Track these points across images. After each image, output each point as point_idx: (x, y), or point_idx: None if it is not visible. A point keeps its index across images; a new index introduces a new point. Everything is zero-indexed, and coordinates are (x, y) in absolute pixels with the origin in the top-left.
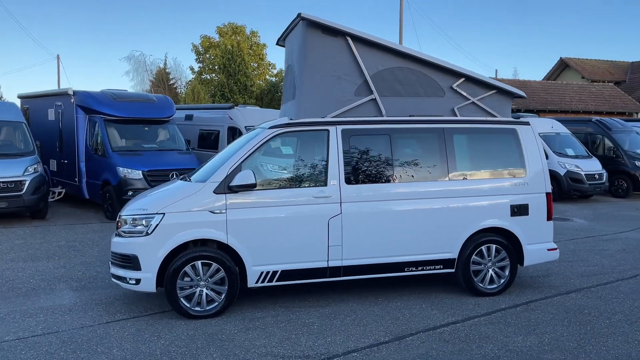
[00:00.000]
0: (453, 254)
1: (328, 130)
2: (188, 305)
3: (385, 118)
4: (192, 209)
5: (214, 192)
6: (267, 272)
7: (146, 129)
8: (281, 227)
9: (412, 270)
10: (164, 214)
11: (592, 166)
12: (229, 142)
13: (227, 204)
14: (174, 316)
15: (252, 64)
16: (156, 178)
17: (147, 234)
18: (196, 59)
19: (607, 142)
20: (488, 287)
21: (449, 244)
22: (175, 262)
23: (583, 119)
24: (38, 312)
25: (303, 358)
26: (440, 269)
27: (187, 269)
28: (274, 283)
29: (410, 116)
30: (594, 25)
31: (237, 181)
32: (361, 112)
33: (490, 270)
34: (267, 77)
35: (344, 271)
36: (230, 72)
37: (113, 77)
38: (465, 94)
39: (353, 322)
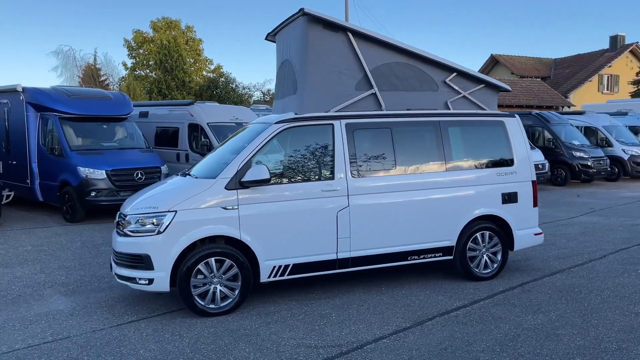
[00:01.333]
0: (452, 241)
1: (333, 125)
2: (202, 303)
3: (386, 112)
4: (204, 206)
5: (226, 188)
6: (279, 266)
7: (104, 127)
8: (292, 221)
9: (414, 259)
10: (175, 211)
11: (536, 157)
12: (190, 140)
13: (239, 200)
14: (185, 315)
15: (188, 60)
16: (121, 178)
17: (159, 232)
18: (129, 55)
19: (547, 134)
20: (483, 272)
21: (448, 232)
22: (188, 260)
23: (524, 113)
24: (38, 319)
25: (336, 347)
26: (440, 256)
27: (201, 266)
28: (285, 277)
29: (407, 110)
30: (520, 22)
31: (250, 176)
32: (362, 106)
33: (485, 256)
34: (204, 73)
35: (352, 262)
36: (167, 68)
37: (38, 73)
38: (457, 88)
39: (368, 311)
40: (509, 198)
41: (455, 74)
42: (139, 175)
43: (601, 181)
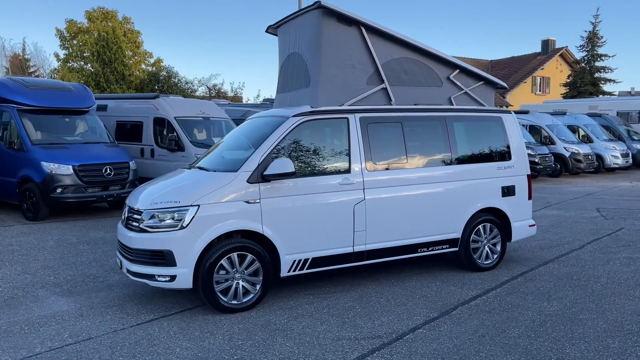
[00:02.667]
0: (457, 233)
1: (348, 119)
2: (225, 299)
3: (396, 106)
4: (227, 200)
5: (247, 181)
6: (299, 260)
7: (66, 120)
8: (311, 214)
9: (423, 251)
10: (198, 205)
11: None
12: (155, 134)
13: (261, 193)
14: (205, 312)
15: (127, 52)
16: (89, 174)
17: (182, 227)
18: (61, 45)
19: None
20: (485, 262)
21: (454, 224)
22: (211, 255)
23: None
24: (47, 321)
25: (376, 338)
26: (446, 248)
27: (223, 261)
28: (304, 271)
29: (415, 105)
30: (457, 24)
31: (273, 170)
32: (372, 100)
33: (486, 247)
34: (144, 66)
35: (367, 255)
36: (105, 60)
37: None
38: (459, 84)
39: (389, 302)
40: (508, 191)
41: (458, 70)
42: (108, 171)
43: (545, 177)
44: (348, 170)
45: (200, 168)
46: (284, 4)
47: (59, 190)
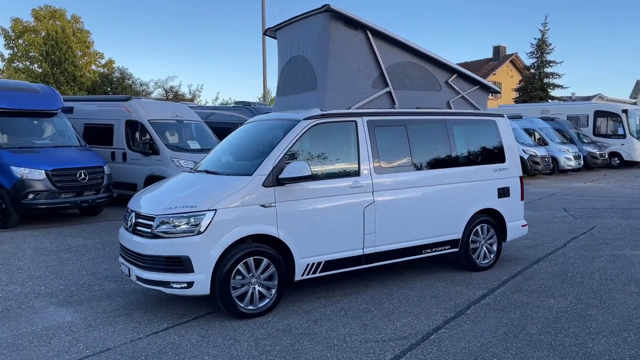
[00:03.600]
0: (458, 234)
1: (356, 122)
2: (242, 304)
3: (401, 110)
4: (243, 204)
5: (263, 185)
6: (313, 264)
7: (35, 122)
8: (324, 217)
9: (427, 252)
10: (215, 210)
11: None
12: (127, 137)
13: (276, 197)
14: (220, 318)
15: (77, 52)
16: (62, 178)
17: (200, 232)
18: (6, 45)
19: None
20: (483, 262)
21: (455, 225)
22: (228, 261)
23: None
24: (54, 333)
25: (402, 339)
26: (448, 249)
27: (240, 266)
28: (317, 274)
29: (417, 108)
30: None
31: (289, 173)
32: (377, 104)
33: (484, 248)
34: (94, 67)
35: (376, 257)
36: (54, 60)
37: None
38: (457, 88)
39: (402, 304)
40: (503, 192)
41: (456, 75)
42: (82, 176)
43: None
44: (358, 173)
45: (208, 172)
46: (243, 5)
47: (30, 196)
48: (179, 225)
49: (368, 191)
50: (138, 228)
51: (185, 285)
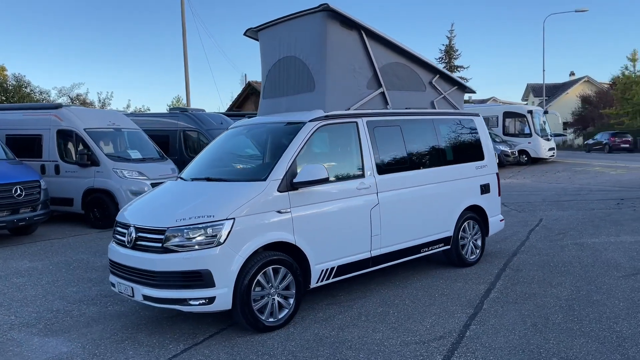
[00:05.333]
0: (450, 231)
1: (356, 122)
2: (263, 317)
3: (396, 110)
4: (260, 211)
5: (278, 190)
6: (326, 270)
7: None
8: (334, 221)
9: (425, 251)
10: (234, 218)
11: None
12: (60, 148)
13: (291, 202)
14: (239, 333)
15: None
16: None
17: (219, 243)
18: None
19: None
20: (471, 258)
21: (448, 223)
22: (248, 272)
23: None
24: None
25: (441, 339)
26: (442, 247)
27: (260, 276)
28: (330, 280)
29: (406, 109)
30: None
31: (304, 176)
32: (371, 104)
33: (471, 243)
34: None
35: (383, 259)
36: None
37: None
38: (439, 88)
39: (416, 304)
40: (485, 189)
41: (438, 75)
42: (18, 192)
43: None
44: (362, 175)
45: (209, 179)
46: (158, 8)
47: None
48: (195, 237)
49: (373, 192)
50: (141, 243)
51: (206, 301)
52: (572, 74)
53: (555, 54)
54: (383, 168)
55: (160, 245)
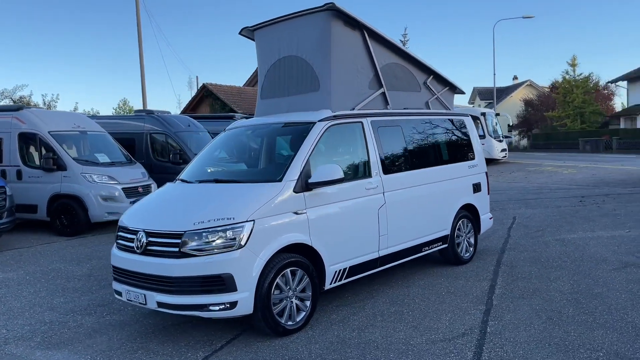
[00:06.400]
0: (447, 230)
1: (362, 122)
2: (282, 321)
3: (397, 110)
4: (279, 212)
5: (294, 191)
6: (339, 271)
7: None
8: (346, 221)
9: (426, 250)
10: (253, 220)
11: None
12: (22, 152)
13: (306, 203)
14: (257, 338)
15: None
16: None
17: (240, 246)
18: None
19: None
20: (465, 256)
21: (446, 221)
22: (268, 274)
23: None
24: None
25: (464, 335)
26: (440, 245)
27: (279, 279)
28: (342, 281)
29: (404, 109)
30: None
31: (320, 177)
32: (373, 104)
33: (465, 241)
34: None
35: (389, 259)
36: None
37: None
38: (433, 89)
39: (426, 303)
40: (477, 188)
41: (432, 76)
42: None
43: None
44: (369, 174)
45: (217, 181)
46: (108, 9)
47: None
48: (214, 241)
49: (380, 192)
50: (153, 248)
51: (227, 306)
52: (515, 78)
53: (500, 59)
54: (388, 168)
55: (177, 249)
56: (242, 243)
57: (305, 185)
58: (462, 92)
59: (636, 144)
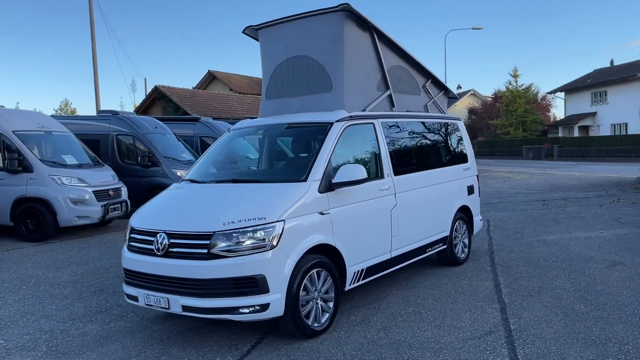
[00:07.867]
0: (447, 231)
1: (374, 124)
2: (309, 323)
3: (403, 112)
4: (305, 212)
5: (319, 191)
6: (358, 272)
7: None
8: (364, 222)
9: (429, 251)
10: (284, 220)
11: None
12: None
13: (330, 203)
14: (283, 341)
15: None
16: None
17: (273, 246)
18: None
19: None
20: (461, 256)
21: (446, 223)
22: (297, 275)
23: None
24: None
25: (492, 333)
26: (441, 246)
27: (306, 280)
28: (360, 282)
29: (407, 111)
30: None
31: (343, 177)
32: (381, 106)
33: (460, 242)
34: None
35: (400, 260)
36: None
37: None
38: (431, 92)
39: (440, 302)
40: (471, 190)
41: (430, 79)
42: None
43: None
44: (382, 175)
45: (235, 181)
46: (39, 6)
47: None
48: (244, 241)
49: (392, 193)
50: (177, 250)
51: (259, 308)
52: (459, 87)
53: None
54: (397, 169)
55: (205, 251)
56: (274, 243)
57: (328, 185)
58: (456, 97)
59: (575, 152)
